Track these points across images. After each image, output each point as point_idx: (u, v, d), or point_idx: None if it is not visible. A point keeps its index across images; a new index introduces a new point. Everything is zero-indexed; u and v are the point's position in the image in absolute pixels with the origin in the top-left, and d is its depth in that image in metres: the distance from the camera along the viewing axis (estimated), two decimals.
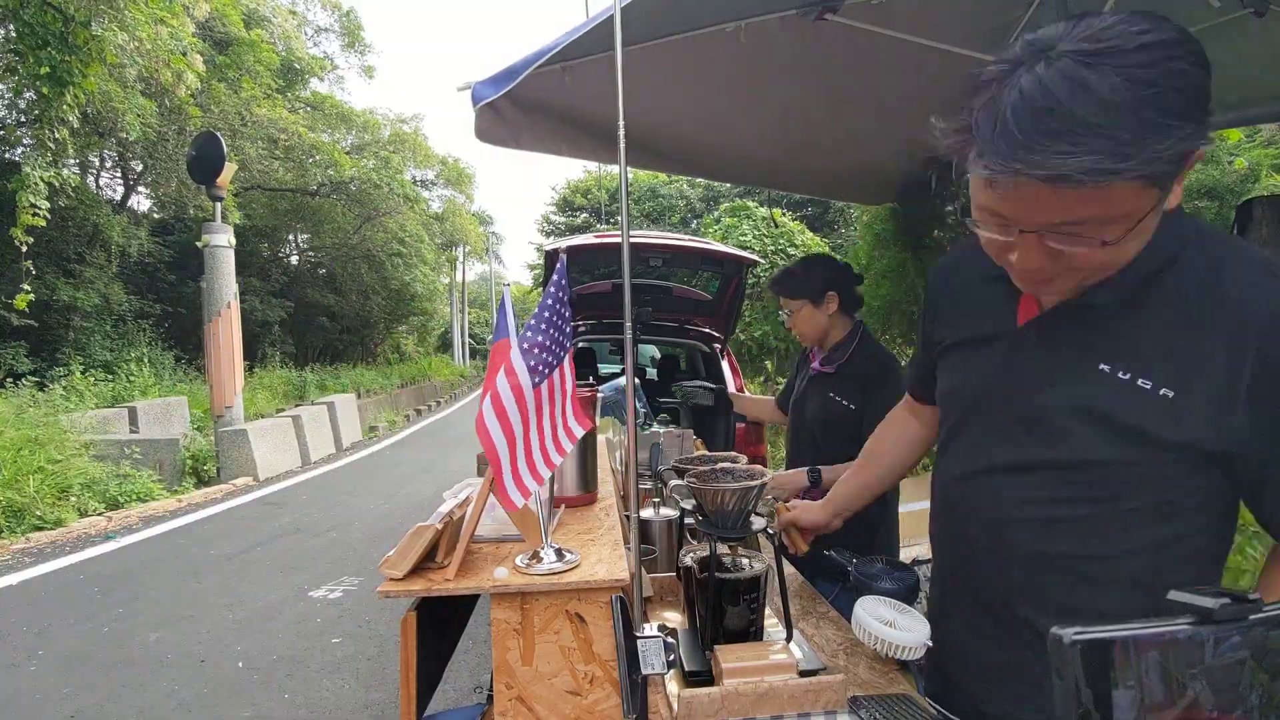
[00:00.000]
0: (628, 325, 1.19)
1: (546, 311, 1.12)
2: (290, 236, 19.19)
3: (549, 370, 1.11)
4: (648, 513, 1.74)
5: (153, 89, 10.40)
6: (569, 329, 1.16)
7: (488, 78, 2.06)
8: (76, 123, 8.55)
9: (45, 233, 9.99)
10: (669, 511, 1.74)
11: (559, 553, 1.21)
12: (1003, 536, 0.95)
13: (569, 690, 1.12)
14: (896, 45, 2.14)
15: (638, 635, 1.05)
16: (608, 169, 11.14)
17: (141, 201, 15.24)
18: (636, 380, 1.41)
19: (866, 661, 1.28)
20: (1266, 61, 2.38)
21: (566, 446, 1.18)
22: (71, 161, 11.66)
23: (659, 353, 7.41)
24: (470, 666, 3.36)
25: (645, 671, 1.04)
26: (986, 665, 1.01)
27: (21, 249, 8.32)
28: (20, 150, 11.05)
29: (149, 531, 6.16)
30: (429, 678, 1.36)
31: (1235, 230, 3.07)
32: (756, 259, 5.16)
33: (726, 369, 4.90)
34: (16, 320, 9.74)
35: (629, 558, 1.18)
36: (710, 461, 1.63)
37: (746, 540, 1.74)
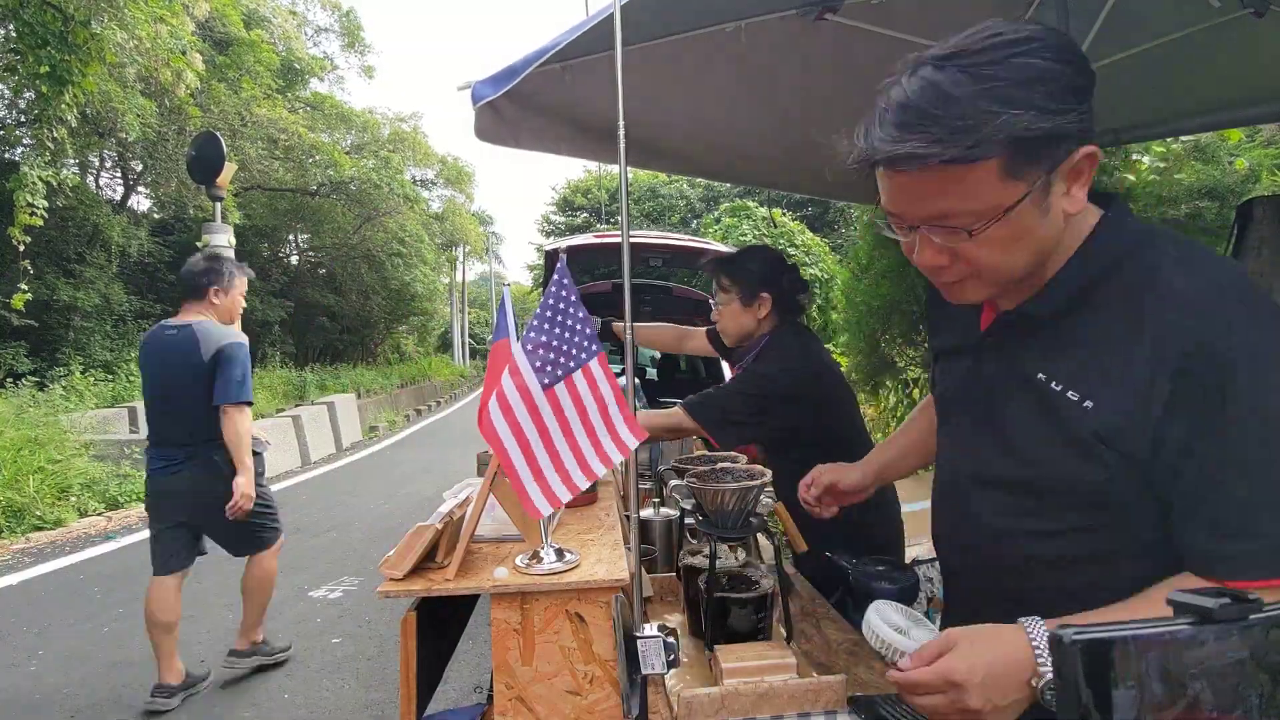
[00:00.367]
0: (628, 325, 1.19)
1: (548, 311, 1.11)
2: (290, 236, 19.20)
3: (562, 372, 1.09)
4: (648, 513, 1.74)
5: (152, 89, 10.40)
6: (589, 330, 1.12)
7: (487, 77, 2.06)
8: (76, 122, 8.55)
9: (45, 233, 10.00)
10: (669, 511, 1.74)
11: (559, 553, 1.21)
12: (981, 542, 0.98)
13: (569, 690, 1.13)
14: (896, 45, 2.13)
15: (638, 635, 1.05)
16: (608, 169, 11.15)
17: (141, 201, 15.27)
18: (636, 380, 1.41)
19: (866, 661, 1.28)
20: (1266, 61, 2.37)
21: (615, 458, 1.11)
22: (71, 161, 11.66)
23: (659, 352, 7.41)
24: (470, 666, 3.36)
25: (645, 671, 1.04)
26: None
27: (19, 249, 8.32)
28: (20, 150, 11.05)
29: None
30: (429, 678, 1.36)
31: (1235, 230, 3.07)
32: None
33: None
34: (16, 320, 9.74)
35: (629, 558, 1.18)
36: (710, 461, 1.63)
37: (747, 540, 1.74)
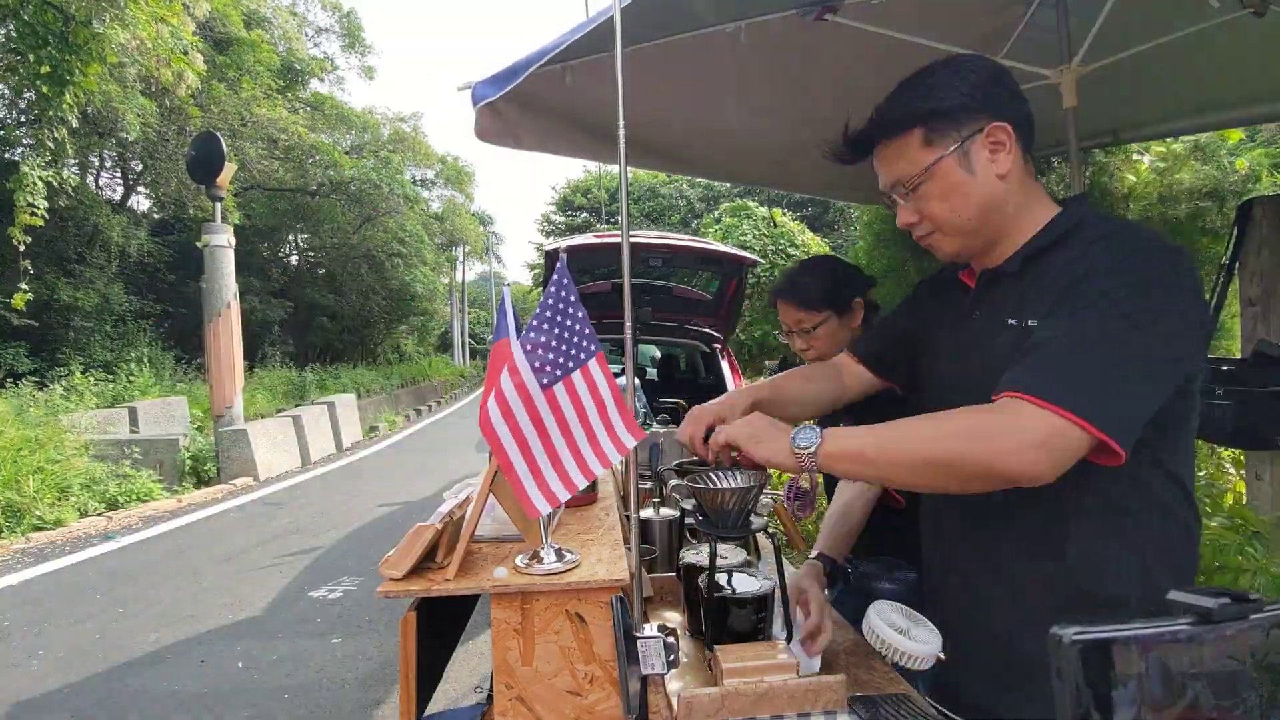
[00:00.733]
0: (628, 325, 1.19)
1: (548, 311, 1.11)
2: (290, 236, 19.19)
3: (561, 372, 1.09)
4: (648, 513, 1.74)
5: (153, 89, 10.41)
6: (588, 331, 1.12)
7: (488, 78, 2.06)
8: (76, 123, 8.55)
9: (45, 233, 10.00)
10: (669, 511, 1.74)
11: (559, 553, 1.21)
12: (966, 513, 1.09)
13: (569, 690, 1.12)
14: (896, 45, 2.13)
15: (638, 635, 1.05)
16: (608, 169, 11.15)
17: (141, 201, 15.27)
18: (636, 380, 1.41)
19: (867, 661, 1.28)
20: (1266, 61, 2.37)
21: (614, 458, 1.12)
22: (71, 161, 11.66)
23: (659, 353, 7.41)
24: (470, 666, 3.37)
25: (645, 671, 1.04)
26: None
27: (20, 249, 8.32)
28: (20, 150, 11.06)
29: (149, 531, 6.16)
30: (429, 678, 1.36)
31: (1235, 230, 3.07)
32: (756, 259, 5.16)
33: (726, 369, 4.91)
34: (16, 320, 9.75)
35: (629, 558, 1.18)
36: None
37: (747, 540, 1.74)
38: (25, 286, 8.67)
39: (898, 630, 1.18)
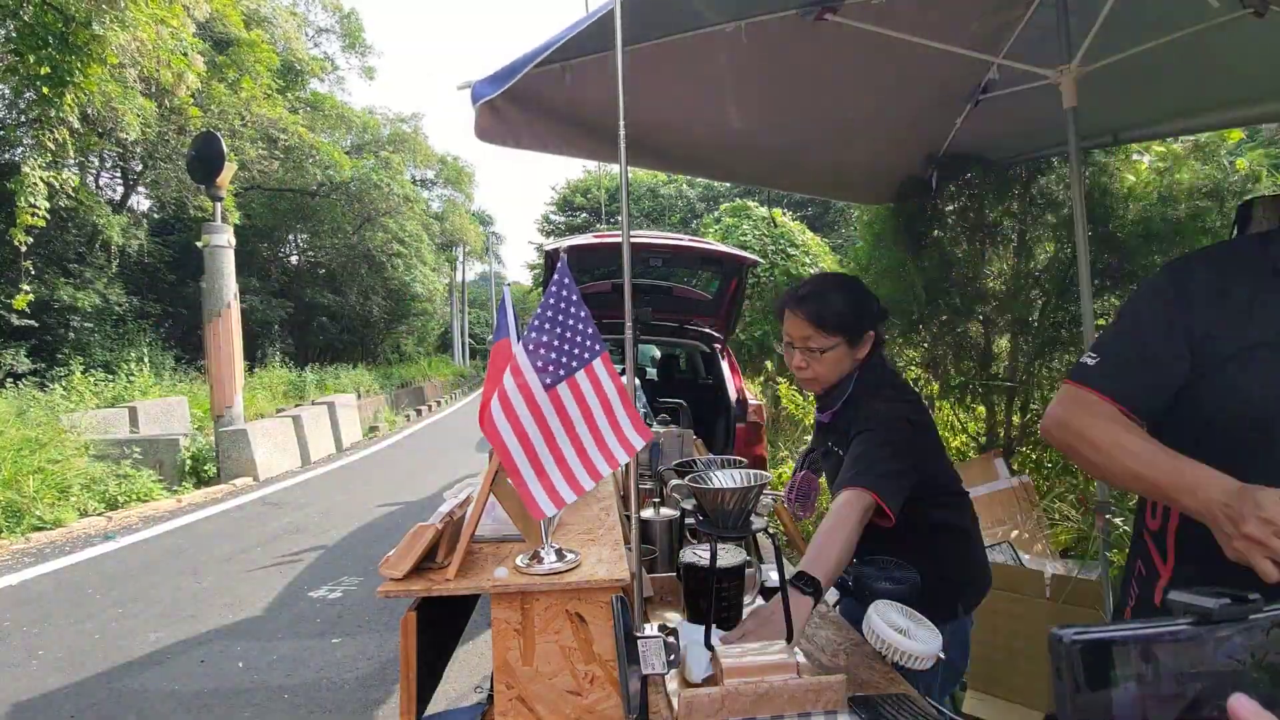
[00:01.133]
0: (628, 325, 1.19)
1: (550, 311, 1.11)
2: (290, 236, 19.19)
3: (564, 372, 1.09)
4: (648, 513, 1.74)
5: (153, 89, 10.40)
6: (591, 330, 1.11)
7: (487, 76, 2.06)
8: (76, 123, 8.55)
9: (45, 233, 10.00)
10: (669, 511, 1.74)
11: (559, 553, 1.21)
12: None
13: (569, 690, 1.12)
14: (896, 45, 2.14)
15: (638, 635, 1.05)
16: (608, 168, 11.14)
17: (141, 201, 15.26)
18: (637, 380, 1.41)
19: (867, 661, 1.28)
20: (1266, 61, 2.37)
21: (621, 458, 1.11)
22: (71, 162, 11.66)
23: (659, 353, 7.41)
24: (470, 666, 3.37)
25: (645, 671, 1.04)
26: None
27: (20, 249, 8.32)
28: (20, 150, 11.06)
29: (149, 531, 6.16)
30: (429, 678, 1.36)
31: (1235, 230, 3.06)
32: (756, 259, 5.16)
33: (726, 369, 4.90)
34: (17, 320, 9.75)
35: (629, 558, 1.18)
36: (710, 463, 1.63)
37: (747, 540, 1.74)
38: (26, 287, 8.67)
39: (898, 630, 1.18)
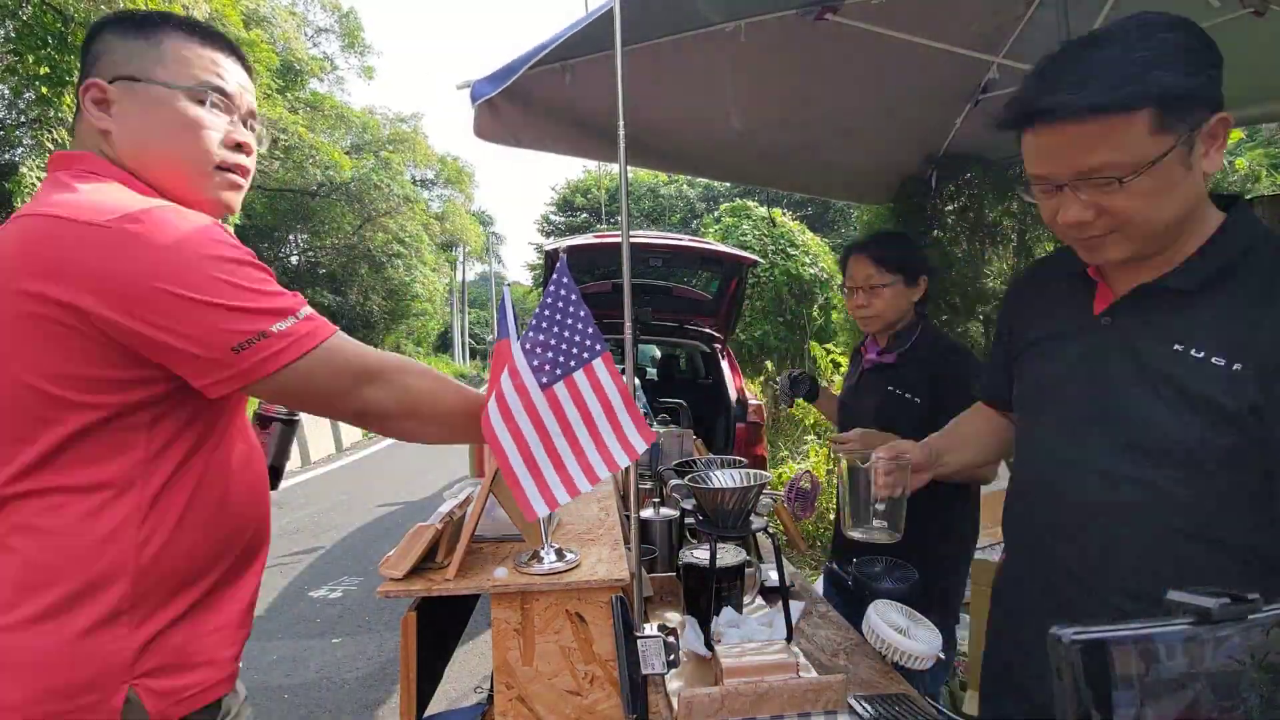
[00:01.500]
0: (628, 325, 1.19)
1: (548, 310, 1.10)
2: (290, 237, 19.21)
3: (561, 371, 1.09)
4: (648, 513, 1.74)
5: None
6: (592, 330, 1.10)
7: (487, 75, 2.06)
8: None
9: None
10: (669, 511, 1.74)
11: (559, 552, 1.21)
12: (1095, 525, 0.97)
13: (569, 690, 1.12)
14: (896, 45, 2.14)
15: (638, 635, 1.05)
16: (608, 168, 11.14)
17: None
18: (636, 380, 1.41)
19: (867, 661, 1.28)
20: (1266, 61, 2.37)
21: (621, 460, 1.09)
22: None
23: (659, 353, 7.41)
24: (470, 666, 3.37)
25: (645, 671, 1.04)
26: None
27: None
28: (19, 150, 11.04)
29: None
30: (429, 677, 1.36)
31: None
32: (756, 259, 5.16)
33: (726, 369, 4.90)
34: None
35: (629, 558, 1.18)
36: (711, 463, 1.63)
37: (747, 540, 1.74)
38: None
39: (898, 630, 1.18)
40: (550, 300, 1.10)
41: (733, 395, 4.63)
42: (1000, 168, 3.69)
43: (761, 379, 9.03)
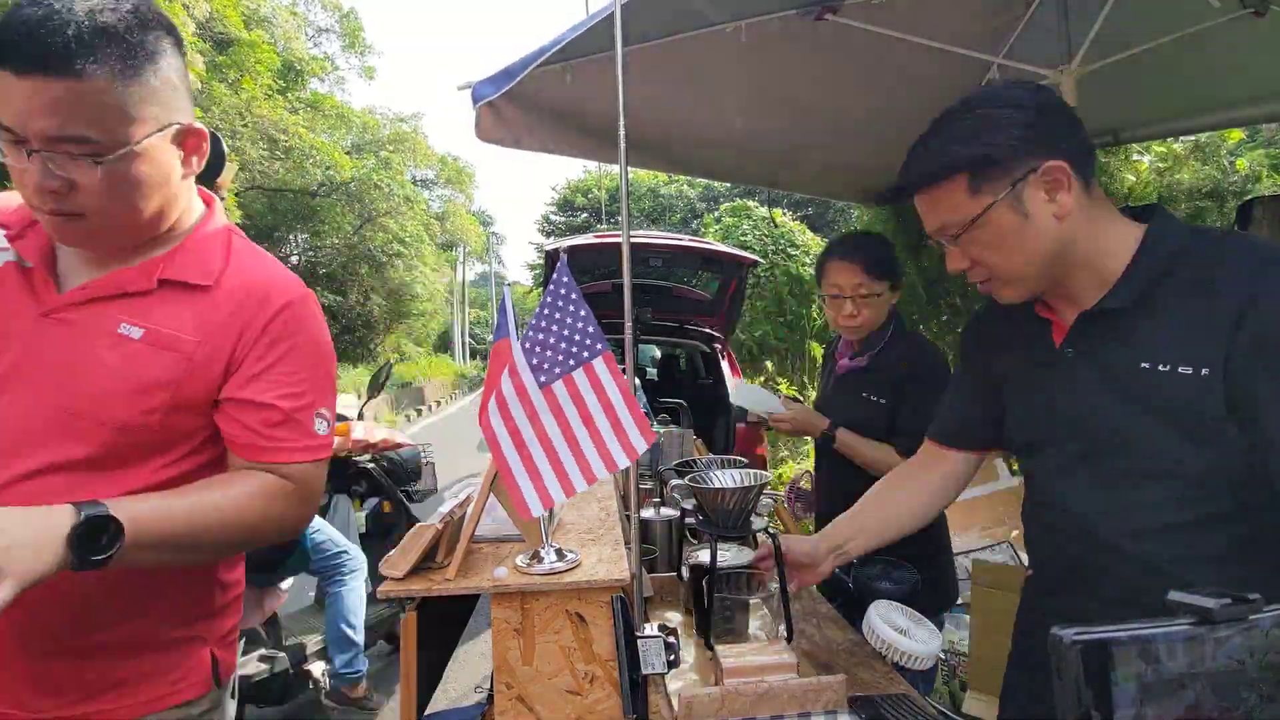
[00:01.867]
0: (628, 325, 1.19)
1: (548, 310, 1.10)
2: (291, 236, 19.20)
3: (560, 370, 1.09)
4: (648, 513, 1.74)
5: None
6: (593, 329, 1.10)
7: (488, 77, 2.06)
8: None
9: None
10: (669, 511, 1.74)
11: (559, 552, 1.21)
12: (1104, 547, 0.98)
13: (569, 690, 1.13)
14: (896, 45, 2.14)
15: (638, 635, 1.05)
16: (608, 168, 11.14)
17: None
18: (637, 380, 1.41)
19: (867, 661, 1.28)
20: (1266, 61, 2.38)
21: (621, 461, 1.08)
22: None
23: (659, 353, 7.41)
24: (470, 666, 3.36)
25: (645, 671, 1.04)
26: None
27: None
28: None
29: None
30: (429, 677, 1.36)
31: (1235, 230, 3.07)
32: (756, 259, 5.16)
33: (726, 369, 4.91)
34: None
35: (629, 557, 1.18)
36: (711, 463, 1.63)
37: (747, 540, 1.74)
38: None
39: (898, 630, 1.18)
40: (551, 300, 1.10)
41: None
42: None
43: (762, 379, 9.03)
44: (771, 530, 1.40)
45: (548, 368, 1.08)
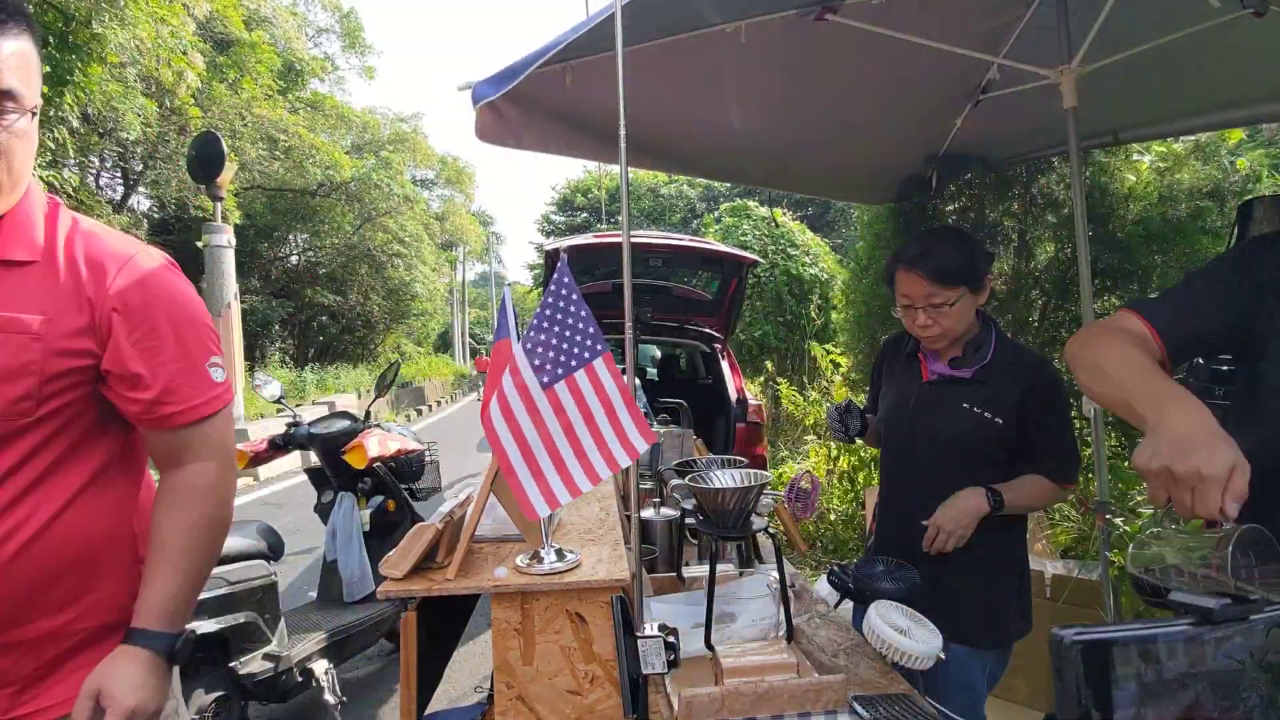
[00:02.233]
0: (628, 325, 1.19)
1: (549, 310, 1.11)
2: (291, 236, 19.20)
3: (562, 371, 1.09)
4: (648, 513, 1.74)
5: (153, 89, 10.40)
6: (593, 330, 1.10)
7: (488, 77, 2.06)
8: (76, 122, 8.54)
9: None
10: (669, 511, 1.74)
11: (559, 553, 1.21)
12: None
13: (569, 690, 1.13)
14: (896, 45, 2.14)
15: (638, 635, 1.05)
16: (608, 169, 11.13)
17: (142, 201, 15.25)
18: (637, 380, 1.41)
19: (867, 661, 1.28)
20: (1266, 61, 2.37)
21: (623, 460, 1.09)
22: (71, 161, 11.66)
23: (659, 353, 7.41)
24: (470, 666, 3.36)
25: (645, 671, 1.04)
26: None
27: None
28: None
29: None
30: (429, 677, 1.36)
31: (1235, 230, 3.06)
32: (756, 259, 5.16)
33: (726, 369, 4.90)
34: None
35: (629, 557, 1.18)
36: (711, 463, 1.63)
37: (747, 540, 1.74)
38: None
39: (898, 630, 1.18)
40: (551, 300, 1.11)
41: (733, 395, 4.63)
42: (1000, 168, 3.69)
43: (761, 379, 9.03)
44: (771, 530, 1.40)
45: (549, 369, 1.08)
